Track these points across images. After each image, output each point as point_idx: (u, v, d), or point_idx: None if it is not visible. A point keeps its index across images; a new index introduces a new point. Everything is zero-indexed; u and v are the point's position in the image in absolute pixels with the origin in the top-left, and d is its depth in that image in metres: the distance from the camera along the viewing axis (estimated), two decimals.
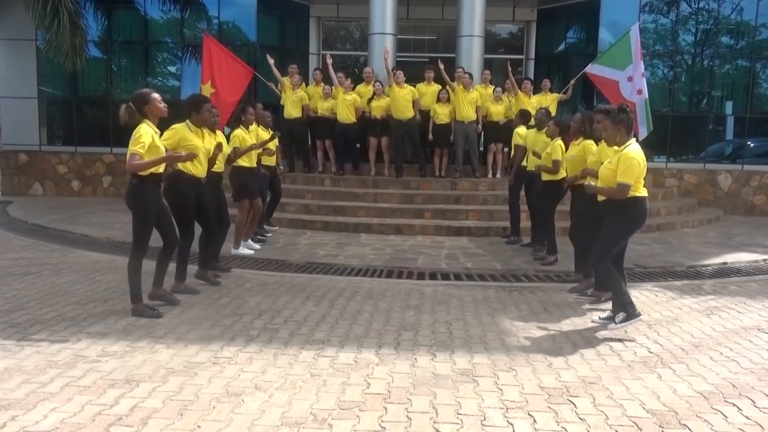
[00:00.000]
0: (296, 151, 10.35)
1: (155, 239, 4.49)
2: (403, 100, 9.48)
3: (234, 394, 3.07)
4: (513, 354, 3.77)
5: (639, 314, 4.18)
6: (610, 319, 4.40)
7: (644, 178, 4.21)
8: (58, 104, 12.05)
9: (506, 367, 3.53)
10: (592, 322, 4.50)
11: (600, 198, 4.38)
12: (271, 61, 9.89)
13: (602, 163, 4.58)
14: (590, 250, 4.98)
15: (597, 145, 5.02)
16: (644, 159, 4.16)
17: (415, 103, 9.62)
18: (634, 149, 4.13)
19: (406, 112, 9.53)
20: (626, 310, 4.17)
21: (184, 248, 4.98)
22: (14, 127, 11.84)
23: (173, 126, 4.82)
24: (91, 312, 4.44)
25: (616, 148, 4.23)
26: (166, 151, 4.40)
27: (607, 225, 4.26)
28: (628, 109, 4.18)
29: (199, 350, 3.69)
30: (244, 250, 6.58)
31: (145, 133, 4.16)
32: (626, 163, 4.06)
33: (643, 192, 4.19)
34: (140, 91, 4.37)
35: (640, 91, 8.86)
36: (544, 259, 6.43)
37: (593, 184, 4.49)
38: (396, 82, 9.47)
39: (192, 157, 4.63)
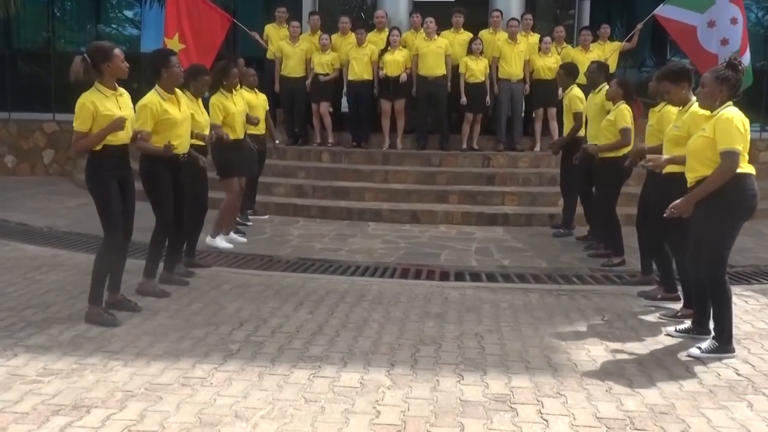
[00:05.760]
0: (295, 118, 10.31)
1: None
2: (433, 54, 9.50)
3: (208, 423, 3.09)
4: (561, 376, 3.76)
5: (734, 352, 4.10)
6: (690, 332, 4.41)
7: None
8: None
9: (553, 392, 3.53)
10: (667, 335, 4.49)
11: (691, 178, 4.14)
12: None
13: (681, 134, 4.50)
14: (669, 248, 4.97)
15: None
16: (747, 124, 4.00)
17: (447, 58, 9.63)
18: (732, 110, 3.98)
19: (436, 69, 9.55)
20: (721, 340, 4.08)
21: (158, 239, 5.08)
22: None
23: (140, 102, 4.78)
24: (30, 320, 4.47)
25: (708, 113, 4.07)
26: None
27: (707, 223, 4.05)
28: (739, 67, 4.02)
29: (164, 369, 3.70)
30: (221, 243, 6.59)
31: (84, 103, 4.19)
32: (726, 126, 3.91)
33: (748, 168, 4.02)
34: (100, 43, 4.44)
35: (725, 42, 8.66)
36: (607, 259, 6.33)
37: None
38: (426, 33, 9.50)
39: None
